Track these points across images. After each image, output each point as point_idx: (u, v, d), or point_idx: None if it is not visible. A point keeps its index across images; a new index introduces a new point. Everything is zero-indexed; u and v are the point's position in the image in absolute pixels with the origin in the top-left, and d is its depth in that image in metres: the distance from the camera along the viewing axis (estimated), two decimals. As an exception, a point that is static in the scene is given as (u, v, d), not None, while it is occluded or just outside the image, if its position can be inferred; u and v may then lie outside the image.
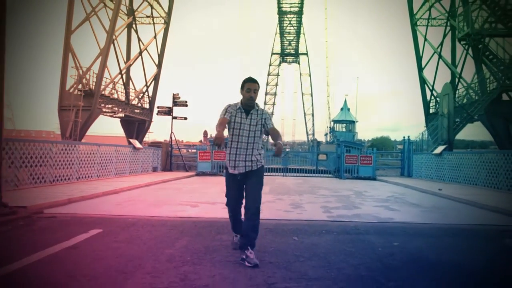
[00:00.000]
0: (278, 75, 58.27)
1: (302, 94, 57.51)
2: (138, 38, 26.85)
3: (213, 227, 4.77)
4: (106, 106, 23.44)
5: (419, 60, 25.74)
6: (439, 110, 18.89)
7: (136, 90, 27.51)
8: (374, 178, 15.28)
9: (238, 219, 3.70)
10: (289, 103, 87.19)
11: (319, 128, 57.13)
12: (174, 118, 17.48)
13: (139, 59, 26.70)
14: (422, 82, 25.73)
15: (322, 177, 16.25)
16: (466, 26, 19.15)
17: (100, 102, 22.01)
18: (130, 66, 26.71)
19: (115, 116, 25.87)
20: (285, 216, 5.95)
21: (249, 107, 3.54)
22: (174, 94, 17.50)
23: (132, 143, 14.70)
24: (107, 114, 24.81)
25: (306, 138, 58.48)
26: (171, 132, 17.39)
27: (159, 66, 28.47)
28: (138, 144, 14.95)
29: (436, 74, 24.73)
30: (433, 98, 24.95)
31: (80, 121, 20.52)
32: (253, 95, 3.47)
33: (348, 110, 43.09)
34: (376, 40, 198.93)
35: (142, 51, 26.69)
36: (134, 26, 26.86)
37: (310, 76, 56.80)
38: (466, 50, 21.39)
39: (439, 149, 14.32)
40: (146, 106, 28.05)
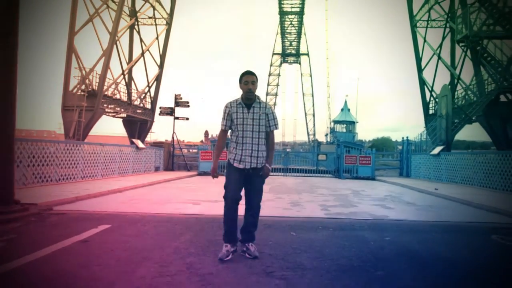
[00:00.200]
0: (279, 76, 58.34)
1: (303, 94, 57.61)
2: (140, 39, 27.09)
3: (215, 223, 5.01)
4: (108, 106, 23.66)
5: (419, 61, 25.88)
6: (438, 111, 19.10)
7: (138, 90, 27.71)
8: (373, 178, 15.52)
9: (234, 218, 3.51)
10: (290, 104, 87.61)
11: (320, 128, 57.30)
12: (176, 118, 17.74)
13: (141, 60, 26.90)
14: (422, 83, 25.88)
15: (322, 177, 16.48)
16: (465, 28, 19.33)
17: (103, 103, 22.21)
18: (132, 67, 26.96)
19: (118, 116, 26.09)
20: (284, 213, 6.18)
21: (249, 101, 3.54)
22: (176, 95, 17.75)
23: (135, 143, 14.88)
24: (110, 114, 25.05)
25: (307, 139, 58.64)
26: (173, 132, 17.64)
27: (161, 66, 28.70)
28: (141, 144, 15.17)
29: (435, 75, 24.89)
30: (432, 99, 25.14)
31: (83, 121, 20.76)
32: (251, 87, 3.47)
33: (348, 110, 43.26)
34: (376, 41, 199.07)
35: (144, 52, 26.90)
36: (136, 27, 27.07)
37: (311, 76, 56.89)
38: (464, 52, 21.57)
39: (437, 149, 14.54)
40: (148, 106, 28.27)
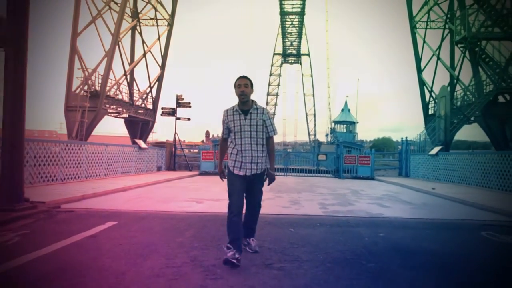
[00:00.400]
0: (280, 76, 58.65)
1: (304, 94, 57.82)
2: (142, 40, 27.41)
3: (217, 220, 5.22)
4: (111, 106, 23.93)
5: (418, 62, 26.08)
6: (437, 112, 19.31)
7: (140, 91, 28.01)
8: (373, 178, 15.71)
9: (239, 226, 3.42)
10: (291, 104, 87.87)
11: (321, 128, 57.53)
12: (178, 119, 17.96)
13: (143, 61, 27.24)
14: (421, 83, 26.07)
15: (321, 176, 16.69)
16: (463, 29, 19.54)
17: (105, 103, 22.48)
18: (134, 68, 27.23)
19: (120, 116, 26.38)
20: (283, 211, 6.40)
21: (245, 105, 3.50)
22: (178, 95, 17.97)
23: (137, 143, 15.10)
24: (112, 115, 25.33)
25: (308, 139, 58.88)
26: (175, 132, 17.86)
27: (163, 67, 28.98)
28: (143, 144, 15.40)
29: (434, 76, 25.09)
30: (431, 99, 25.33)
31: (86, 121, 21.04)
32: (244, 90, 3.44)
33: (348, 111, 43.45)
34: (376, 41, 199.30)
35: (146, 53, 27.19)
36: (138, 28, 27.37)
37: (311, 76, 57.10)
38: (463, 53, 21.77)
39: (435, 149, 14.73)
40: (150, 106, 28.56)
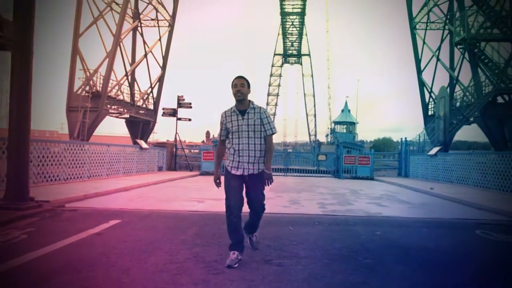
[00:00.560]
0: (280, 76, 58.77)
1: (305, 94, 58.00)
2: (143, 41, 27.51)
3: (218, 219, 5.34)
4: (112, 107, 24.05)
5: (418, 63, 26.19)
6: (436, 112, 19.42)
7: (141, 91, 28.14)
8: (372, 178, 15.84)
9: (239, 227, 3.45)
10: (291, 104, 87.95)
11: (322, 128, 57.52)
12: (179, 119, 18.10)
13: (144, 61, 27.36)
14: (421, 84, 26.18)
15: (321, 177, 16.81)
16: (462, 30, 19.66)
17: (106, 103, 22.62)
18: (135, 68, 27.37)
19: (121, 117, 26.52)
20: (283, 210, 6.53)
21: (241, 104, 3.52)
22: (179, 96, 18.11)
23: (138, 144, 15.23)
24: (113, 115, 25.45)
25: (308, 139, 58.96)
26: (176, 133, 18.00)
27: (164, 68, 29.09)
28: (144, 144, 15.54)
29: (434, 77, 25.20)
30: (431, 100, 25.45)
31: (87, 121, 21.18)
32: (240, 89, 3.46)
33: (348, 111, 43.55)
34: (376, 42, 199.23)
35: (147, 54, 27.31)
36: (139, 29, 27.48)
37: (312, 77, 57.26)
38: (462, 54, 21.89)
39: (434, 150, 14.86)
40: (151, 107, 28.67)
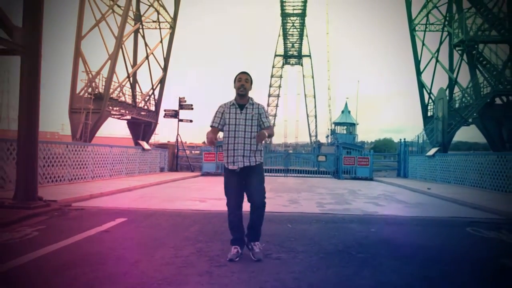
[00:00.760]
0: (281, 77, 58.94)
1: (305, 95, 58.19)
2: (145, 43, 27.79)
3: (220, 217, 5.53)
4: (114, 108, 24.32)
5: (417, 64, 26.44)
6: (435, 113, 19.63)
7: (142, 93, 28.42)
8: (371, 179, 16.04)
9: (240, 224, 3.54)
10: (292, 105, 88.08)
11: (322, 129, 57.66)
12: (180, 121, 18.32)
13: (146, 63, 27.64)
14: (420, 85, 26.42)
15: (321, 177, 17.01)
16: (461, 32, 19.88)
17: (108, 105, 22.88)
18: (137, 70, 27.64)
19: (123, 118, 26.79)
20: (283, 209, 6.73)
21: (242, 99, 3.54)
22: (180, 98, 18.34)
23: (140, 145, 15.45)
24: (115, 116, 25.74)
25: (309, 140, 59.14)
26: (177, 134, 18.23)
27: (165, 69, 29.36)
28: (146, 145, 15.76)
29: (433, 78, 25.47)
30: (430, 101, 25.66)
31: (90, 123, 21.44)
32: (244, 84, 3.50)
33: (349, 112, 43.69)
34: (376, 43, 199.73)
35: (148, 55, 27.58)
36: (141, 31, 27.76)
37: (313, 78, 57.45)
38: (461, 56, 22.11)
39: (432, 151, 15.06)
40: (152, 108, 28.95)
